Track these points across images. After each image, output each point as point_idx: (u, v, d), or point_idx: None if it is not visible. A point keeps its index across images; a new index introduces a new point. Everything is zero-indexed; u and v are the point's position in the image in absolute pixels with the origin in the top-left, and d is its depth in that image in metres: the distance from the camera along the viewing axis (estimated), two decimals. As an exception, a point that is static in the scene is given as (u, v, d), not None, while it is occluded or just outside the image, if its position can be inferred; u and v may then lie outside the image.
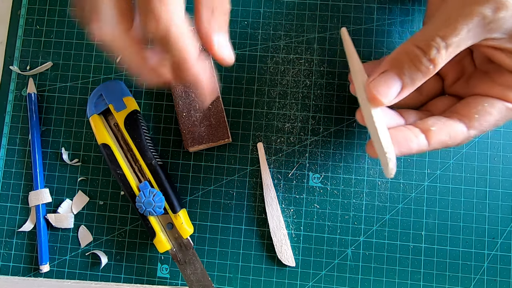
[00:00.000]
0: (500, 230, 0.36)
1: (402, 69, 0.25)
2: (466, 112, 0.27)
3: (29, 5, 0.40)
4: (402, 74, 0.26)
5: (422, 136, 0.26)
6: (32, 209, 0.38)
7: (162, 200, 0.34)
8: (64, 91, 0.39)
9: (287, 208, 0.37)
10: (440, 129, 0.26)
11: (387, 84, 0.26)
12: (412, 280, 0.36)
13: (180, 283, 0.37)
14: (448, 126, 0.27)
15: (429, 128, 0.27)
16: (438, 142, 0.26)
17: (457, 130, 0.27)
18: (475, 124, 0.27)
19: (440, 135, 0.26)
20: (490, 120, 0.27)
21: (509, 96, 0.27)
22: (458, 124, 0.27)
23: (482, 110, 0.27)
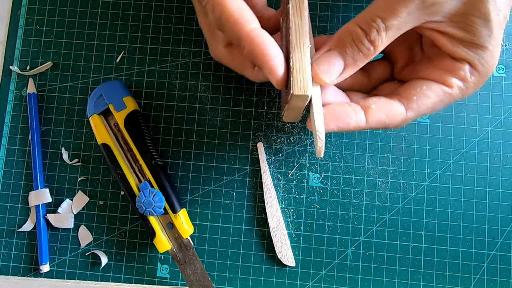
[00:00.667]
0: (500, 230, 0.36)
1: (345, 48, 0.25)
2: (406, 94, 0.27)
3: (29, 5, 0.40)
4: (344, 54, 0.26)
5: (361, 113, 0.26)
6: (32, 209, 0.38)
7: (162, 200, 0.34)
8: (64, 91, 0.39)
9: (287, 208, 0.37)
10: (379, 108, 0.27)
11: (329, 63, 0.26)
12: (412, 280, 0.36)
13: (180, 283, 0.37)
14: (387, 105, 0.27)
15: (369, 106, 0.27)
16: (376, 120, 0.27)
17: (395, 110, 0.27)
18: (413, 105, 0.27)
19: (379, 113, 0.26)
20: (427, 102, 0.27)
21: (446, 80, 0.27)
22: (397, 104, 0.27)
23: (420, 92, 0.27)
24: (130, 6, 0.40)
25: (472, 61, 0.26)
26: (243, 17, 0.25)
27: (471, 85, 0.27)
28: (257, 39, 0.25)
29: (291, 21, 0.26)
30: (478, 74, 0.26)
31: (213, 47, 0.31)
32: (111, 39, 0.39)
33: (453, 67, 0.27)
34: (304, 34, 0.26)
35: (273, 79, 0.25)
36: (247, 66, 0.31)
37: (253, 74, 0.31)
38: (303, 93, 0.25)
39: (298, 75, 0.25)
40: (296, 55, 0.25)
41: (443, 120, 0.37)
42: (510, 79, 0.37)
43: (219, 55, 0.31)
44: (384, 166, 0.37)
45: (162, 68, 0.39)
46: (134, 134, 0.35)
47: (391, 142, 0.37)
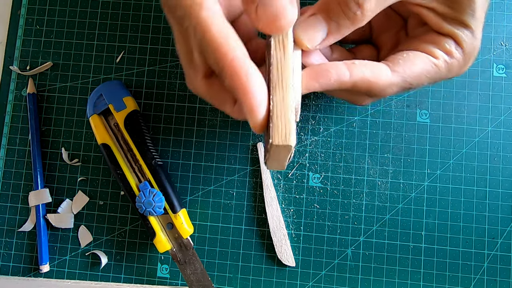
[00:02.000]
0: (500, 230, 0.36)
1: (329, 13, 0.24)
2: (391, 58, 0.27)
3: (29, 5, 0.40)
4: (328, 19, 0.24)
5: (343, 67, 0.25)
6: (32, 209, 0.38)
7: (162, 200, 0.34)
8: (64, 91, 0.39)
9: (287, 208, 0.37)
10: (363, 64, 0.26)
11: (312, 27, 0.24)
12: (412, 280, 0.36)
13: (180, 283, 0.37)
14: (372, 64, 0.26)
15: (352, 62, 0.26)
16: (360, 75, 0.25)
17: (381, 69, 0.26)
18: (398, 68, 0.26)
19: (362, 68, 0.25)
20: (413, 68, 0.26)
21: (431, 51, 0.27)
22: (382, 64, 0.26)
23: (406, 58, 0.27)
24: (130, 6, 0.40)
25: (456, 36, 0.27)
26: (227, 43, 0.22)
27: (455, 62, 0.27)
28: (239, 69, 0.22)
29: (272, 56, 0.23)
30: (462, 52, 0.27)
31: (190, 78, 0.28)
32: (111, 39, 0.39)
33: (439, 40, 0.27)
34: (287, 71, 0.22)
35: (251, 122, 0.22)
36: (226, 101, 0.27)
37: (233, 111, 0.27)
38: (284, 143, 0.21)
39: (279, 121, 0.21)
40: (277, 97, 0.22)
41: (443, 120, 0.37)
42: (510, 79, 0.37)
43: (196, 87, 0.28)
44: (384, 166, 0.37)
45: (162, 68, 0.39)
46: (134, 134, 0.35)
47: (391, 142, 0.37)
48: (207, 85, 0.27)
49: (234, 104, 0.27)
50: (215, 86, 0.27)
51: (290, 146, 0.21)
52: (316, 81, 0.25)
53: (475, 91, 0.37)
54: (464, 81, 0.37)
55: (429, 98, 0.37)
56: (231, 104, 0.27)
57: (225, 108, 0.27)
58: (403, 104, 0.37)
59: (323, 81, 0.25)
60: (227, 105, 0.27)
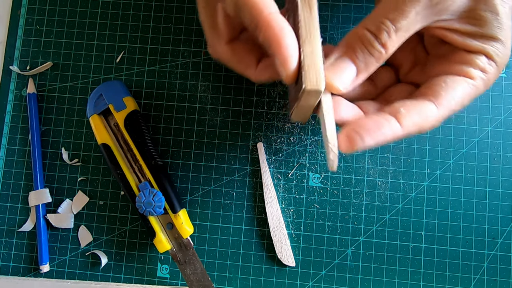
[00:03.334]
0: (500, 230, 0.36)
1: (356, 53, 0.25)
2: (431, 91, 0.26)
3: (29, 5, 0.40)
4: (355, 59, 0.25)
5: (393, 119, 0.25)
6: (32, 209, 0.38)
7: (162, 200, 0.34)
8: (64, 91, 0.39)
9: (287, 208, 0.37)
10: (410, 110, 0.25)
11: (342, 69, 0.25)
12: (412, 280, 0.36)
13: (180, 283, 0.37)
14: (417, 105, 0.25)
15: (398, 110, 0.25)
16: (411, 123, 0.25)
17: (427, 109, 0.25)
18: (443, 101, 0.25)
19: (412, 115, 0.25)
20: (456, 96, 0.26)
21: (467, 72, 0.26)
22: (427, 102, 0.25)
23: (446, 87, 0.26)
24: (130, 6, 0.40)
25: (488, 52, 0.26)
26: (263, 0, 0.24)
27: (491, 76, 0.26)
28: (275, 25, 0.24)
29: (300, 15, 0.25)
30: (495, 65, 0.26)
31: (214, 43, 0.29)
32: (111, 39, 0.39)
33: (470, 59, 0.26)
34: (314, 27, 0.25)
35: (284, 72, 0.24)
36: (250, 65, 0.29)
37: (256, 74, 0.29)
38: (315, 88, 0.23)
39: (309, 70, 0.24)
40: (307, 49, 0.24)
41: (443, 120, 0.37)
42: (510, 79, 0.37)
43: (219, 52, 0.29)
44: (384, 166, 0.37)
45: (162, 68, 0.39)
46: (134, 134, 0.35)
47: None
48: (231, 49, 0.29)
49: (256, 68, 0.29)
50: (238, 50, 0.29)
51: (320, 91, 0.24)
52: (372, 139, 0.24)
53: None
54: (464, 81, 0.37)
55: (429, 98, 0.37)
56: (254, 67, 0.29)
57: (249, 71, 0.29)
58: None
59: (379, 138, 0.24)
60: (250, 69, 0.29)
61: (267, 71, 0.28)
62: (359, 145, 0.24)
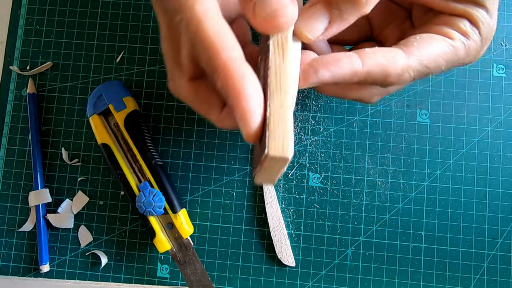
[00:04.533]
0: (500, 230, 0.36)
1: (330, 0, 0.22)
2: (404, 42, 0.24)
3: (29, 5, 0.40)
4: (330, 7, 0.22)
5: (355, 56, 0.23)
6: (32, 209, 0.38)
7: (162, 200, 0.34)
8: (64, 91, 0.39)
9: (287, 208, 0.37)
10: (375, 51, 0.23)
11: (313, 16, 0.22)
12: (412, 280, 0.36)
13: (180, 283, 0.37)
14: (384, 50, 0.24)
15: (363, 50, 0.23)
16: (374, 62, 0.23)
17: (395, 53, 0.23)
18: (414, 51, 0.24)
19: (376, 56, 0.23)
20: (430, 51, 0.24)
21: (448, 32, 0.25)
22: (395, 49, 0.24)
23: (421, 40, 0.24)
24: (130, 6, 0.40)
25: (471, 15, 0.24)
26: (223, 41, 0.20)
27: (473, 44, 0.25)
28: (234, 71, 0.20)
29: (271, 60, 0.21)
30: (478, 33, 0.25)
31: (174, 79, 0.25)
32: (111, 39, 0.39)
33: (452, 21, 0.25)
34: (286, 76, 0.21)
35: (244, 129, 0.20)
36: (213, 107, 0.25)
37: (219, 118, 0.25)
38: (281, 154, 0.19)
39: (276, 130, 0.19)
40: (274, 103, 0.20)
41: (443, 120, 0.37)
42: (510, 79, 0.37)
43: (180, 89, 0.25)
44: (384, 166, 0.37)
45: (162, 68, 0.39)
46: (134, 134, 0.35)
47: (391, 142, 0.37)
48: (193, 88, 0.25)
49: (221, 111, 0.25)
50: (201, 90, 0.25)
51: (287, 159, 0.19)
52: (328, 70, 0.22)
53: (475, 91, 0.37)
54: (464, 81, 0.37)
55: (429, 98, 0.37)
56: (218, 111, 0.25)
57: (211, 115, 0.25)
58: (403, 104, 0.37)
59: (336, 70, 0.23)
60: (214, 112, 0.25)
61: (231, 118, 0.24)
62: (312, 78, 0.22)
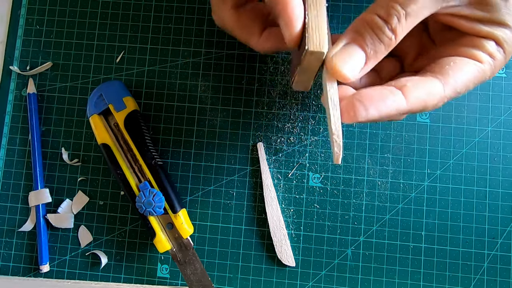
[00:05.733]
0: (500, 230, 0.36)
1: (365, 40, 0.24)
2: (439, 69, 0.25)
3: (29, 5, 0.40)
4: (364, 46, 0.24)
5: (398, 92, 0.24)
6: (32, 209, 0.38)
7: (162, 200, 0.34)
8: (64, 91, 0.39)
9: (287, 208, 0.37)
10: (416, 85, 0.24)
11: (351, 56, 0.24)
12: (412, 280, 0.36)
13: (180, 283, 0.37)
14: (423, 81, 0.25)
15: (404, 84, 0.24)
16: (416, 99, 0.24)
17: (433, 86, 0.25)
18: (450, 80, 0.25)
19: (417, 90, 0.24)
20: (463, 77, 0.25)
21: (476, 55, 0.26)
22: (434, 80, 0.25)
23: (454, 67, 0.25)
24: (130, 6, 0.40)
25: (497, 37, 0.25)
26: None
27: (498, 63, 0.26)
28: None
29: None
30: (503, 52, 0.26)
31: (219, 8, 0.29)
32: (111, 39, 0.39)
33: (480, 43, 0.26)
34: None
35: (288, 33, 0.24)
36: (254, 33, 0.28)
37: (259, 43, 0.29)
38: (318, 49, 0.23)
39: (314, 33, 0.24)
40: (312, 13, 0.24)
41: (443, 120, 0.37)
42: (510, 79, 0.37)
43: (224, 18, 0.29)
44: (384, 166, 0.37)
45: (162, 68, 0.39)
46: (134, 134, 0.35)
47: (391, 142, 0.37)
48: (236, 15, 0.28)
49: (260, 36, 0.28)
50: (244, 17, 0.28)
51: (323, 53, 0.23)
52: (376, 109, 0.23)
53: (475, 91, 0.37)
54: (464, 81, 0.37)
55: (429, 98, 0.37)
56: (258, 35, 0.28)
57: (251, 39, 0.28)
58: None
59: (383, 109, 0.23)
60: (254, 37, 0.28)
61: (270, 40, 0.29)
62: (362, 115, 0.23)
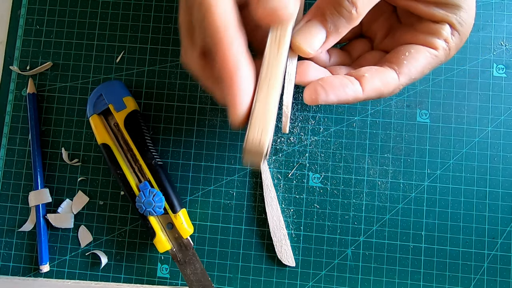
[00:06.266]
0: (500, 230, 0.36)
1: (325, 16, 0.25)
2: (395, 60, 0.27)
3: (29, 5, 0.40)
4: (325, 22, 0.25)
5: (357, 83, 0.26)
6: (32, 209, 0.38)
7: (162, 200, 0.34)
8: (64, 91, 0.39)
9: (287, 208, 0.37)
10: (373, 76, 0.26)
11: (311, 32, 0.25)
12: (412, 280, 0.36)
13: (180, 283, 0.37)
14: (380, 72, 0.27)
15: (363, 75, 0.26)
16: (372, 88, 0.26)
17: (389, 76, 0.27)
18: (404, 70, 0.27)
19: (374, 81, 0.26)
20: (417, 66, 0.27)
21: (431, 42, 0.27)
22: (390, 71, 0.27)
23: (409, 56, 0.27)
24: (130, 6, 0.40)
25: (451, 21, 0.27)
26: (226, 29, 0.22)
27: (453, 46, 0.27)
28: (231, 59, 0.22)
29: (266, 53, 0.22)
30: (458, 34, 0.27)
31: (187, 51, 0.27)
32: (111, 39, 0.39)
33: (434, 29, 0.27)
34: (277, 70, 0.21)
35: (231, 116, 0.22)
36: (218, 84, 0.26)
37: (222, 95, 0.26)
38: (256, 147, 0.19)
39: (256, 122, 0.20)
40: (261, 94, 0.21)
41: (443, 120, 0.37)
42: (510, 79, 0.37)
43: (191, 62, 0.27)
44: (384, 166, 0.37)
45: (162, 68, 0.39)
46: (134, 134, 0.35)
47: (391, 142, 0.37)
48: (203, 63, 0.26)
49: None
50: (210, 67, 0.26)
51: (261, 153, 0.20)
52: (335, 95, 0.25)
53: (475, 91, 0.37)
54: (464, 81, 0.37)
55: (429, 98, 0.37)
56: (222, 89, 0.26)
57: (216, 90, 0.27)
58: (403, 104, 0.37)
59: (341, 96, 0.25)
60: (218, 89, 0.26)
61: None
62: (322, 98, 0.25)
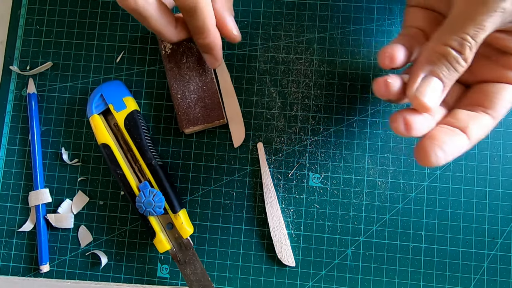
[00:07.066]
0: (500, 230, 0.36)
1: (441, 71, 0.26)
2: (487, 103, 0.28)
3: (29, 5, 0.40)
4: (442, 77, 0.26)
5: (464, 136, 0.27)
6: (32, 209, 0.38)
7: (162, 200, 0.34)
8: (64, 91, 0.39)
9: (287, 208, 0.37)
10: (475, 126, 0.27)
11: (432, 88, 0.26)
12: (412, 280, 0.36)
13: (180, 283, 0.37)
14: (479, 121, 0.27)
15: (466, 126, 0.27)
16: (476, 139, 0.27)
17: (488, 123, 0.27)
18: (498, 115, 0.27)
19: (478, 132, 0.27)
20: (508, 106, 0.27)
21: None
22: (486, 116, 0.27)
23: (501, 98, 0.27)
24: (130, 6, 0.40)
25: None
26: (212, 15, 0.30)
27: None
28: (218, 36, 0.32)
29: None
30: None
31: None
32: (111, 39, 0.39)
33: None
34: None
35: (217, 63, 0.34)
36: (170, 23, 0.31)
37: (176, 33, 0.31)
38: None
39: None
40: None
41: (443, 120, 0.37)
42: (510, 79, 0.37)
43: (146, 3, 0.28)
44: (384, 166, 0.37)
45: (162, 68, 0.39)
46: (134, 134, 0.35)
47: (391, 142, 0.37)
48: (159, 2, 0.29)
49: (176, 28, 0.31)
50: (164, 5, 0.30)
51: None
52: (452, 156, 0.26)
53: None
54: (464, 81, 0.37)
55: (429, 98, 0.37)
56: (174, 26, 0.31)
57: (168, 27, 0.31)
58: (403, 104, 0.37)
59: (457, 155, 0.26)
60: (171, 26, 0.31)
61: (185, 32, 0.32)
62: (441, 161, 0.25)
